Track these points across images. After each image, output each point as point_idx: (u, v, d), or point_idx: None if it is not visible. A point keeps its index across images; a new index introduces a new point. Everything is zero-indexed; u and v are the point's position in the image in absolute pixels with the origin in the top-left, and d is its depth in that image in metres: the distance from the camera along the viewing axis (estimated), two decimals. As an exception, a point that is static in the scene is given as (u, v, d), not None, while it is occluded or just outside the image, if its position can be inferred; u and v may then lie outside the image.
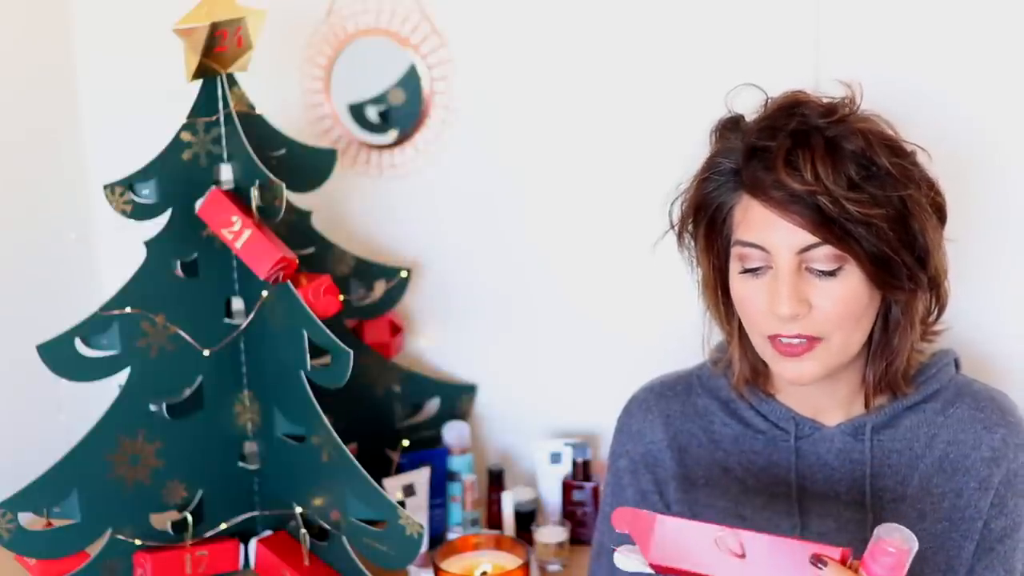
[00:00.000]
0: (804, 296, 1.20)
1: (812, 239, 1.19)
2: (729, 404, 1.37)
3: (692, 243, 1.32)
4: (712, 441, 1.37)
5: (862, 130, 1.21)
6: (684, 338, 1.43)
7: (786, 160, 1.19)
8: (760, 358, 1.32)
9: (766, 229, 1.21)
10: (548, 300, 1.93)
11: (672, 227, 1.34)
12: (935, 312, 1.31)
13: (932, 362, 1.35)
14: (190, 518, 1.61)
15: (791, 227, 1.19)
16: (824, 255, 1.20)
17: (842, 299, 1.20)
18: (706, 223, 1.28)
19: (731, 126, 1.29)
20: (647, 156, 1.78)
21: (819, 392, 1.31)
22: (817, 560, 1.04)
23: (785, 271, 1.20)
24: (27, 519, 1.52)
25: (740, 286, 1.26)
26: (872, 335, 1.27)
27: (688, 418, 1.39)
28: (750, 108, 1.29)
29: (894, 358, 1.28)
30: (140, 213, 1.56)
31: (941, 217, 1.27)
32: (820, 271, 1.20)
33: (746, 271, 1.24)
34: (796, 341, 1.22)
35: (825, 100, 1.24)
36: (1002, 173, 1.63)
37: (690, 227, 1.31)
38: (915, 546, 1.04)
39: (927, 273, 1.24)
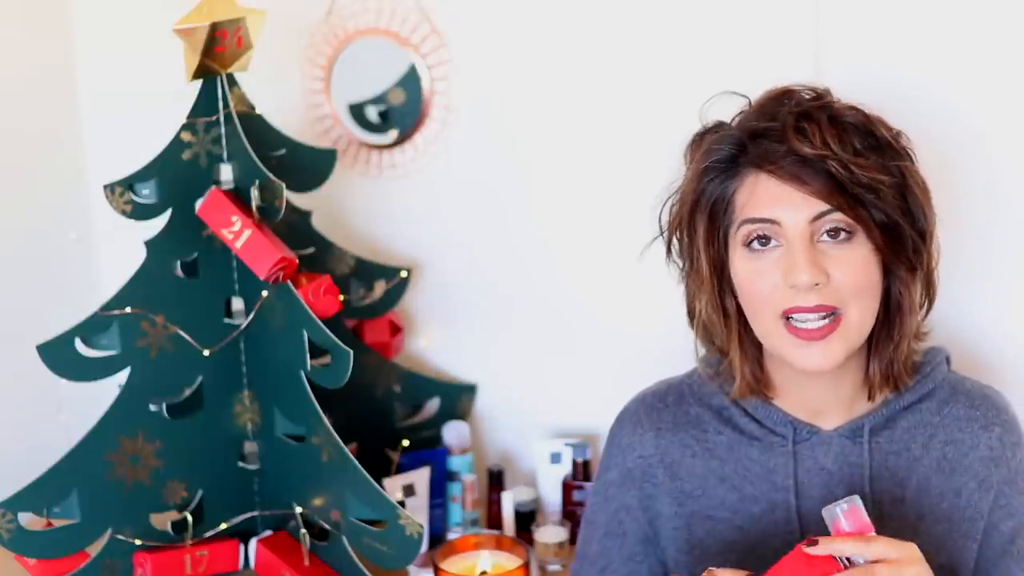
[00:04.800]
0: (821, 265, 1.20)
1: (823, 206, 1.19)
2: (722, 412, 1.36)
3: (687, 244, 1.31)
4: (706, 451, 1.36)
5: (857, 107, 1.24)
6: (684, 338, 1.43)
7: (796, 129, 1.20)
8: (761, 362, 1.32)
9: (776, 202, 1.21)
10: (548, 300, 1.93)
11: (661, 233, 1.34)
12: (926, 304, 1.31)
13: (926, 360, 1.35)
14: (190, 518, 1.61)
15: (802, 196, 1.20)
16: (835, 223, 1.20)
17: (855, 266, 1.21)
18: (707, 216, 1.27)
19: (716, 129, 1.30)
20: (647, 157, 1.78)
21: (824, 390, 1.30)
22: (808, 543, 1.11)
23: (799, 241, 1.20)
24: (27, 519, 1.52)
25: (747, 265, 1.24)
26: (875, 324, 1.27)
27: (681, 428, 1.37)
28: (723, 117, 1.30)
29: (898, 345, 1.28)
30: (140, 213, 1.55)
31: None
32: (832, 236, 1.21)
33: (754, 249, 1.23)
34: (815, 319, 1.21)
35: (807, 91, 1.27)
36: (1000, 173, 1.63)
37: (685, 227, 1.30)
38: (858, 497, 1.13)
39: (927, 249, 1.25)
